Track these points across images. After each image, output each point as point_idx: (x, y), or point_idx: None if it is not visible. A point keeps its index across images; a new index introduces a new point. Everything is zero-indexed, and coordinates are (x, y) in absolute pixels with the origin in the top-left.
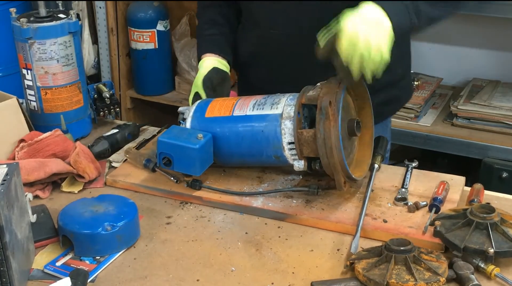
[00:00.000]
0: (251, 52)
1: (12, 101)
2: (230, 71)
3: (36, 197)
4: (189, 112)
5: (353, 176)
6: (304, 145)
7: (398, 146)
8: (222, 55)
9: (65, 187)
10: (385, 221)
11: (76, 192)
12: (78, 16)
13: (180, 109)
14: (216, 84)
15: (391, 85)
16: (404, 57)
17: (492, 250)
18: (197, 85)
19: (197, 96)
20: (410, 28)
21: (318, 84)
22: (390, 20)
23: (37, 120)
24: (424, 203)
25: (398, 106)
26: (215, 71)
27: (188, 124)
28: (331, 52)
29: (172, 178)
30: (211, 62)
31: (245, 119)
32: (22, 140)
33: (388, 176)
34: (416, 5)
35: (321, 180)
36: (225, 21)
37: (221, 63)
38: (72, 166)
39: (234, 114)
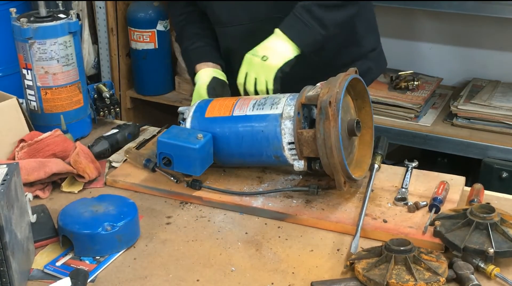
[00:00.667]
0: (223, 49)
1: (12, 101)
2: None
3: (36, 197)
4: (189, 112)
5: (353, 176)
6: (304, 145)
7: (398, 146)
8: (215, 62)
9: (65, 187)
10: (385, 221)
11: (76, 192)
12: (78, 16)
13: (180, 109)
14: (219, 93)
15: (362, 57)
16: (371, 30)
17: (492, 250)
18: (202, 95)
19: None
20: (322, 39)
21: (318, 84)
22: (296, 44)
23: (37, 120)
24: (424, 203)
25: (372, 77)
26: (215, 80)
27: (188, 124)
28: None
29: (172, 178)
30: (208, 72)
31: (245, 119)
32: (22, 140)
33: (388, 176)
34: (317, 18)
35: (321, 180)
36: (205, 32)
37: (217, 72)
38: (72, 166)
39: (234, 114)
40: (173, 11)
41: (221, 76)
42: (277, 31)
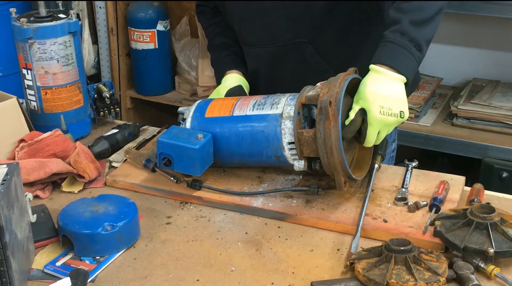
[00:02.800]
0: (249, 66)
1: (12, 101)
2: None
3: (36, 197)
4: (188, 112)
5: (353, 176)
6: (304, 145)
7: (398, 146)
8: (244, 72)
9: (65, 187)
10: (385, 221)
11: (76, 192)
12: (78, 16)
13: (179, 109)
14: None
15: None
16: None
17: (492, 250)
18: (220, 95)
19: None
20: (418, 65)
21: (318, 84)
22: (405, 75)
23: (37, 120)
24: (424, 202)
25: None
26: (239, 88)
27: (188, 124)
28: (355, 129)
29: (172, 178)
30: (238, 77)
31: (245, 119)
32: (22, 140)
33: (388, 176)
34: (414, 40)
35: (321, 180)
36: (234, 43)
37: (243, 82)
38: (72, 166)
39: (234, 114)
40: (202, 23)
41: (246, 87)
42: (380, 68)
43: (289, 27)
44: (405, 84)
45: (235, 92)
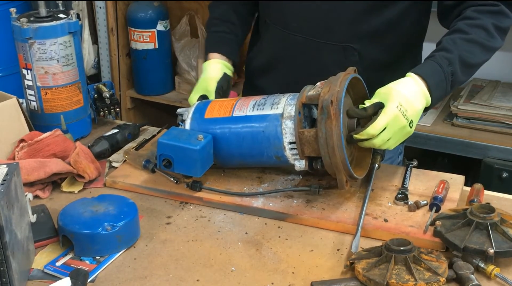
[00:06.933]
0: (270, 58)
1: (12, 101)
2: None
3: (36, 197)
4: (188, 114)
5: (355, 175)
6: (306, 145)
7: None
8: (230, 57)
9: (65, 187)
10: (385, 221)
11: (76, 192)
12: (78, 16)
13: (178, 110)
14: (225, 91)
15: None
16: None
17: (492, 250)
18: (208, 91)
19: (204, 98)
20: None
21: (318, 83)
22: (431, 99)
23: (37, 120)
24: (425, 202)
25: None
26: (224, 78)
27: (187, 126)
28: (363, 115)
29: (172, 178)
30: (219, 66)
31: (246, 120)
32: (22, 140)
33: (388, 175)
34: (453, 73)
35: (321, 179)
36: (238, 20)
37: (227, 68)
38: (72, 166)
39: (234, 115)
40: None
41: (229, 71)
42: (418, 78)
43: (345, 28)
44: (424, 109)
45: (224, 84)
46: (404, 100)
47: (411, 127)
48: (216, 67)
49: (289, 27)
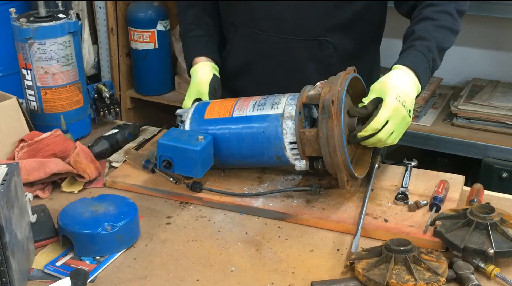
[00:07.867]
0: (243, 60)
1: (12, 101)
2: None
3: (36, 197)
4: (187, 114)
5: (355, 174)
6: (306, 145)
7: (398, 146)
8: (214, 58)
9: (65, 187)
10: (386, 220)
11: (76, 192)
12: (78, 16)
13: (177, 111)
14: (218, 92)
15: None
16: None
17: (492, 250)
18: (202, 93)
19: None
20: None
21: (318, 83)
22: (421, 83)
23: (37, 120)
24: (425, 202)
25: None
26: (215, 79)
27: (187, 126)
28: (363, 113)
29: (171, 179)
30: (208, 69)
31: (246, 120)
32: (22, 140)
33: (388, 175)
34: (434, 60)
35: (321, 179)
36: (211, 21)
37: (215, 69)
38: (72, 166)
39: (234, 115)
40: None
41: (217, 72)
42: (407, 69)
43: (318, 23)
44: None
45: (215, 85)
46: (400, 92)
47: (410, 117)
48: (205, 70)
49: (261, 27)
